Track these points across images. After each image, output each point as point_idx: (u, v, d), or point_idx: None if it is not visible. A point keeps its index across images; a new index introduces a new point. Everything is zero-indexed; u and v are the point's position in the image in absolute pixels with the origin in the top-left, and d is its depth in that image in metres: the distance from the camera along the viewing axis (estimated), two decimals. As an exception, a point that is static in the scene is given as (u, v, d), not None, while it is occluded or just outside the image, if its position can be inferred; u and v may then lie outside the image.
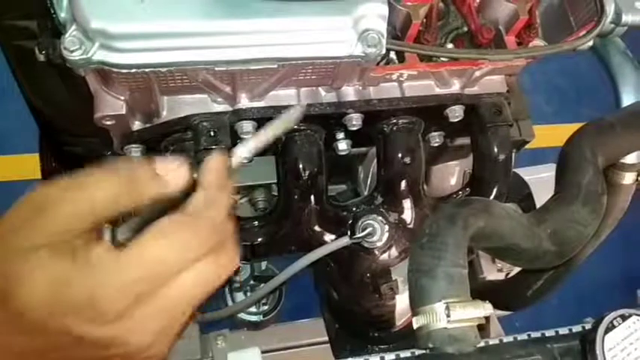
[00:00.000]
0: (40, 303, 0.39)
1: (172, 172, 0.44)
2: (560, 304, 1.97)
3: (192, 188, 0.46)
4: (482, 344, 0.50)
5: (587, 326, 0.53)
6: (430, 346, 0.49)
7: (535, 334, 0.53)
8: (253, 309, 1.18)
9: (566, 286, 1.08)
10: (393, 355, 0.50)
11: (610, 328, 0.48)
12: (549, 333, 0.53)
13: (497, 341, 0.51)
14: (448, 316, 0.49)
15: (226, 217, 0.45)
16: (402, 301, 0.82)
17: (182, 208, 0.44)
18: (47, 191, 0.42)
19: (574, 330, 0.53)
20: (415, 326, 0.51)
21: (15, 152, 2.17)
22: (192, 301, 0.43)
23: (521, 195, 1.05)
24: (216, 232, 0.44)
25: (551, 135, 0.73)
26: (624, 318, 0.49)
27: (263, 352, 0.54)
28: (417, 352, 0.50)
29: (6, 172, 2.18)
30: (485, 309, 0.49)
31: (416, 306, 0.51)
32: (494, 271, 1.21)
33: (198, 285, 0.43)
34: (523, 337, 0.53)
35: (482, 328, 0.52)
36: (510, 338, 0.53)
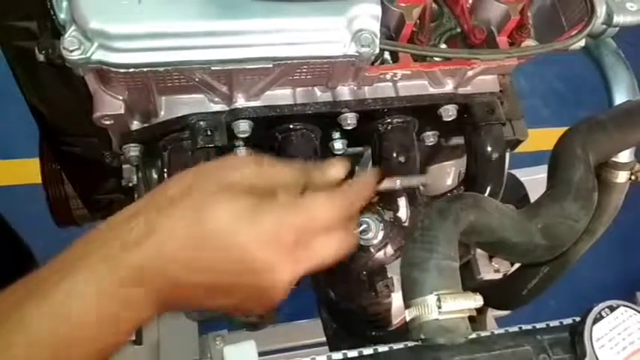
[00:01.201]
0: (230, 225, 0.49)
1: (334, 168, 0.59)
2: (559, 307, 1.98)
3: None
4: (473, 336, 0.51)
5: (578, 319, 0.54)
6: (422, 337, 0.50)
7: (526, 327, 0.54)
8: (252, 309, 1.18)
9: (564, 289, 1.09)
10: (386, 347, 0.51)
11: (598, 318, 0.49)
12: (540, 326, 0.54)
13: (488, 333, 0.52)
14: (439, 307, 0.50)
15: (359, 207, 0.58)
16: (397, 299, 0.83)
17: (343, 186, 0.58)
18: (245, 158, 0.61)
19: (564, 323, 0.54)
20: (408, 318, 0.52)
21: (15, 157, 2.18)
22: (322, 260, 0.54)
23: (518, 196, 1.05)
24: (354, 213, 0.57)
25: (550, 138, 0.74)
26: (612, 309, 0.50)
27: (261, 353, 0.55)
28: (410, 343, 0.51)
29: (5, 177, 2.19)
30: (475, 300, 0.50)
31: (408, 298, 0.52)
32: (491, 272, 1.22)
33: (335, 248, 0.54)
34: (514, 329, 0.53)
35: (474, 321, 0.53)
36: (501, 331, 0.53)
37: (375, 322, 0.87)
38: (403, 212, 0.77)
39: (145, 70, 0.59)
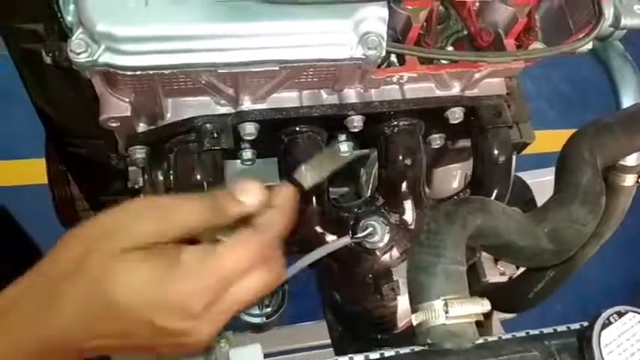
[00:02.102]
0: (134, 298, 0.46)
1: (249, 195, 0.52)
2: (565, 310, 1.97)
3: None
4: (480, 341, 0.51)
5: (586, 324, 0.53)
6: (429, 342, 0.50)
7: (533, 332, 0.53)
8: (256, 311, 1.18)
9: (570, 292, 1.08)
10: (392, 352, 0.51)
11: (607, 324, 0.49)
12: (547, 331, 0.54)
13: (495, 338, 0.52)
14: (446, 312, 0.49)
15: (281, 240, 0.54)
16: (403, 303, 0.82)
17: (253, 223, 0.52)
18: (143, 204, 0.51)
19: (572, 327, 0.54)
20: (414, 323, 0.52)
21: (21, 157, 2.19)
22: (248, 303, 0.51)
23: (525, 199, 1.05)
24: (275, 246, 0.52)
25: (556, 140, 0.73)
26: (620, 314, 0.49)
27: (267, 355, 0.55)
28: (417, 348, 0.51)
29: (12, 177, 2.19)
30: (483, 305, 0.50)
31: (415, 303, 0.52)
32: (496, 275, 1.21)
33: (256, 290, 0.51)
34: (521, 334, 0.53)
35: (481, 326, 0.52)
36: (509, 336, 0.53)
37: (380, 325, 0.87)
38: (409, 215, 0.77)
39: (151, 72, 0.59)
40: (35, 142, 1.02)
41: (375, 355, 0.51)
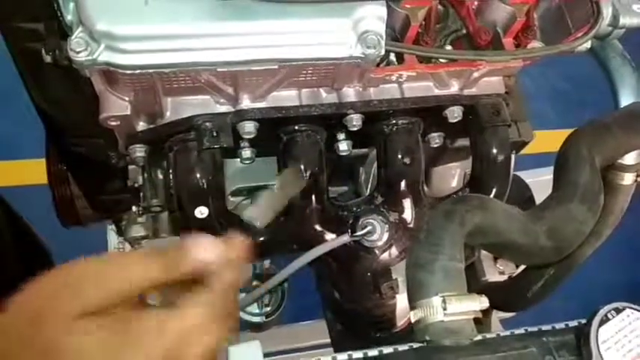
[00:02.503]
0: None
1: (203, 251, 0.50)
2: (563, 309, 1.96)
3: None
4: (478, 338, 0.51)
5: (584, 322, 0.54)
6: (427, 338, 0.50)
7: (532, 329, 0.54)
8: (256, 310, 1.18)
9: (569, 292, 1.08)
10: (391, 349, 0.51)
11: (604, 320, 0.49)
12: (545, 328, 0.54)
13: (493, 335, 0.52)
14: (445, 309, 0.50)
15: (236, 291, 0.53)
16: (402, 301, 0.83)
17: (209, 284, 0.50)
18: (86, 265, 0.48)
19: (570, 325, 0.54)
20: (413, 320, 0.52)
21: (20, 157, 2.19)
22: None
23: (523, 198, 1.05)
24: (230, 301, 0.51)
25: (554, 139, 0.74)
26: (618, 311, 0.49)
27: (266, 354, 0.55)
28: (415, 345, 0.51)
29: (11, 178, 2.20)
30: (481, 302, 0.50)
31: (414, 300, 0.52)
32: (495, 274, 1.21)
33: (213, 345, 0.49)
34: (520, 331, 0.53)
35: (480, 323, 0.53)
36: (507, 333, 0.53)
37: (379, 324, 0.87)
38: (408, 214, 0.77)
39: (151, 71, 0.60)
40: (34, 143, 1.02)
41: (374, 352, 0.51)
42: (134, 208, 0.89)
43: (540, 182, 1.05)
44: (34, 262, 1.16)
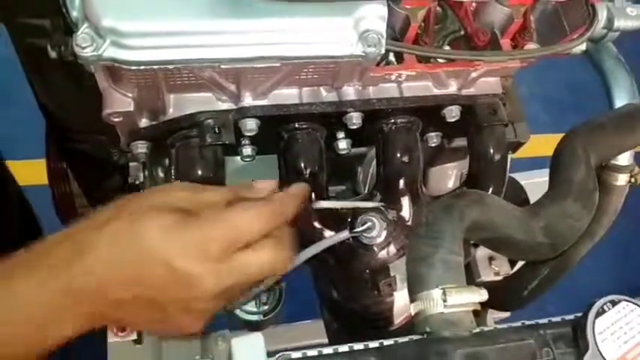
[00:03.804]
0: (157, 241, 0.51)
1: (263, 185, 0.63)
2: (558, 313, 1.98)
3: None
4: (477, 330, 0.52)
5: (580, 315, 0.55)
6: (427, 330, 0.51)
7: (529, 322, 0.55)
8: (253, 309, 1.18)
9: (563, 296, 1.10)
10: (391, 341, 0.52)
11: (600, 312, 0.50)
12: (543, 321, 0.55)
13: (492, 328, 0.53)
14: (444, 301, 0.50)
15: (288, 221, 0.60)
16: (400, 299, 0.83)
17: (268, 197, 0.61)
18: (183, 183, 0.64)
19: (566, 319, 0.55)
20: (413, 312, 0.53)
21: (17, 158, 2.18)
22: (252, 276, 0.56)
23: (519, 200, 1.07)
24: (284, 227, 0.59)
25: (549, 144, 0.75)
26: (614, 303, 0.51)
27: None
28: (415, 337, 0.52)
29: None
30: (480, 294, 0.51)
31: (414, 293, 0.53)
32: (490, 275, 1.23)
33: (263, 263, 0.56)
34: (517, 324, 0.54)
35: (478, 315, 0.53)
36: (505, 326, 0.54)
37: (377, 322, 0.88)
38: (406, 211, 0.78)
39: (155, 67, 0.60)
40: (30, 143, 1.03)
41: (375, 343, 0.52)
42: (134, 206, 0.90)
43: (534, 184, 1.07)
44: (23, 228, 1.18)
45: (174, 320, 0.55)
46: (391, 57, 0.74)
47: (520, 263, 0.99)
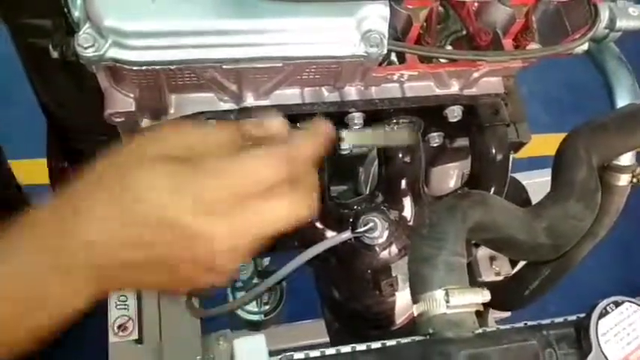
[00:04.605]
0: (153, 194, 0.47)
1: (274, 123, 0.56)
2: (559, 314, 1.98)
3: None
4: (480, 331, 0.52)
5: (582, 316, 0.55)
6: (430, 331, 0.51)
7: (531, 323, 0.55)
8: (254, 308, 1.19)
9: (565, 296, 1.09)
10: (394, 341, 0.52)
11: (604, 313, 0.50)
12: (545, 322, 0.55)
13: (494, 328, 0.53)
14: (447, 302, 0.50)
15: (310, 162, 0.53)
16: (401, 299, 0.83)
17: (285, 140, 0.53)
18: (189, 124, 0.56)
19: (569, 319, 0.55)
20: (415, 313, 0.53)
21: (16, 158, 2.18)
22: (268, 227, 0.50)
23: (520, 200, 1.06)
24: (305, 167, 0.53)
25: (551, 144, 0.75)
26: (617, 304, 0.51)
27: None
28: (418, 338, 0.52)
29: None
30: (483, 295, 0.51)
31: (416, 293, 0.53)
32: (492, 275, 1.23)
33: (280, 210, 0.51)
34: (519, 325, 0.54)
35: (481, 316, 0.53)
36: (507, 326, 0.54)
37: (378, 322, 0.88)
38: (408, 212, 0.78)
39: (157, 67, 0.60)
40: (29, 143, 1.02)
41: (377, 344, 0.52)
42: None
43: (535, 184, 1.07)
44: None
45: (189, 276, 0.51)
46: (393, 57, 0.74)
47: (521, 263, 0.99)
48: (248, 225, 0.49)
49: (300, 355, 0.52)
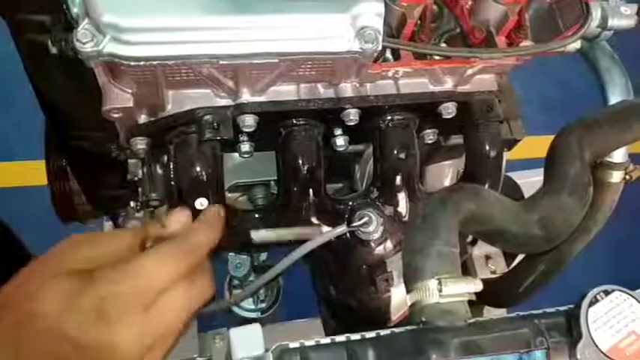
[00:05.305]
0: (52, 310, 0.47)
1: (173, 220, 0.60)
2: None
3: None
4: (472, 320, 0.52)
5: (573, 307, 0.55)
6: (423, 320, 0.51)
7: (523, 313, 0.55)
8: (251, 306, 1.19)
9: (558, 295, 1.10)
10: (388, 331, 0.53)
11: (594, 302, 0.51)
12: (537, 312, 0.56)
13: (486, 318, 0.53)
14: (440, 291, 0.51)
15: (206, 252, 0.57)
16: (396, 295, 0.84)
17: (176, 236, 0.57)
18: (80, 236, 0.55)
19: (560, 309, 0.56)
20: (409, 302, 0.53)
21: (12, 159, 2.19)
22: (175, 319, 0.52)
23: (515, 198, 1.07)
24: (196, 256, 0.55)
25: (544, 146, 0.76)
26: (607, 293, 0.51)
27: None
28: (411, 327, 0.53)
29: (9, 178, 2.19)
30: (475, 284, 0.52)
31: (410, 283, 0.54)
32: (487, 273, 1.23)
33: (181, 304, 0.52)
34: (512, 315, 0.55)
35: (473, 305, 0.54)
36: (499, 316, 0.55)
37: (374, 318, 0.89)
38: (403, 207, 0.79)
39: (155, 63, 0.61)
40: (24, 145, 1.03)
41: (371, 333, 0.53)
42: (132, 204, 0.91)
43: (531, 183, 1.08)
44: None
45: None
46: (388, 54, 0.75)
47: (516, 262, 1.00)
48: (153, 324, 0.50)
49: (296, 344, 0.52)
